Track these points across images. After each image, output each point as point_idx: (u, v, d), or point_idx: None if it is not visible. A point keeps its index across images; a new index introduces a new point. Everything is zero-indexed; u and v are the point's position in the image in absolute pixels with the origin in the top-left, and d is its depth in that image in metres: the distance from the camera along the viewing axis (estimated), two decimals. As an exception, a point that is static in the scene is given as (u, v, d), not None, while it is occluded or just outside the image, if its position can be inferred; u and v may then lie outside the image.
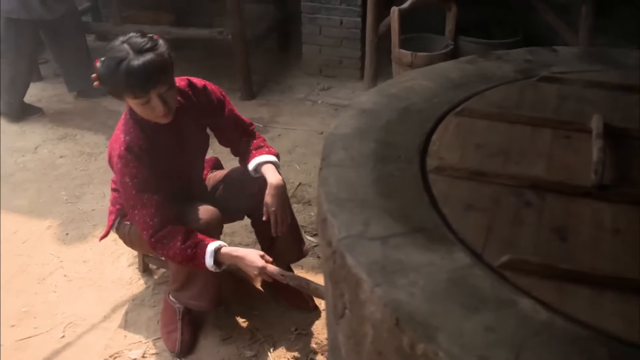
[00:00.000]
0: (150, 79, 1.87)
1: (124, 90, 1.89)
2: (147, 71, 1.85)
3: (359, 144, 1.66)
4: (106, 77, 1.91)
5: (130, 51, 1.87)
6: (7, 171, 3.39)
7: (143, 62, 1.85)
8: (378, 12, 3.78)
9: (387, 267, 1.24)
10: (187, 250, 1.99)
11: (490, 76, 2.02)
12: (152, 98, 1.90)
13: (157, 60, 1.88)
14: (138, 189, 2.00)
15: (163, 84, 1.90)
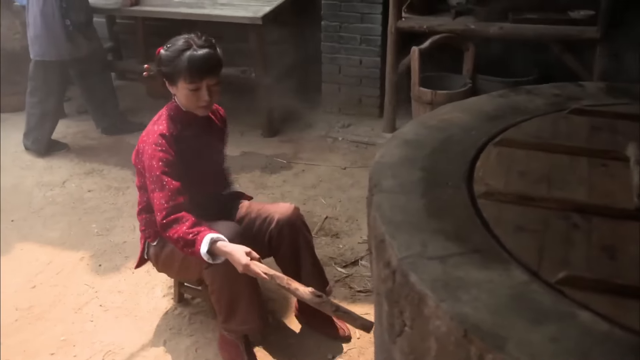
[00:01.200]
0: (207, 67, 2.16)
1: (183, 73, 2.15)
2: (206, 60, 2.16)
3: (407, 172, 1.74)
4: (169, 60, 2.18)
5: (194, 44, 2.17)
6: (37, 205, 3.46)
7: (204, 52, 2.16)
8: (397, 52, 3.90)
9: (450, 283, 1.30)
10: (189, 234, 2.13)
11: (522, 109, 2.11)
12: (202, 87, 2.18)
13: (215, 55, 2.20)
14: (162, 171, 2.18)
15: (214, 76, 2.20)
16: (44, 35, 3.73)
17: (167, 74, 2.22)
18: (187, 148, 2.26)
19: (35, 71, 3.87)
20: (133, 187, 3.59)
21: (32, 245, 3.11)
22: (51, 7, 3.68)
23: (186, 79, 2.16)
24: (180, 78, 2.18)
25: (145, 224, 2.39)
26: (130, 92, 4.75)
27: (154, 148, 2.20)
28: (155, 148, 2.20)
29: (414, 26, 3.83)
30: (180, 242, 2.14)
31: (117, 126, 4.26)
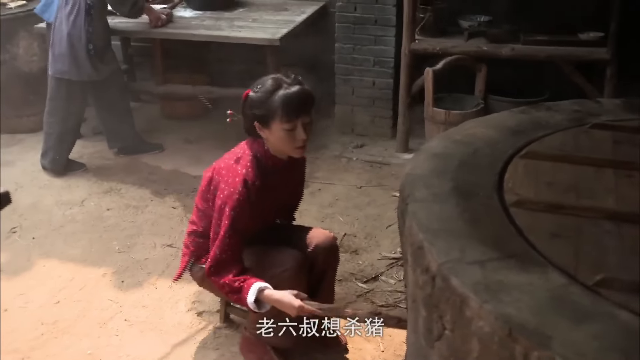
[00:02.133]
0: (302, 105, 2.14)
1: (278, 113, 2.11)
2: (301, 98, 2.13)
3: (439, 183, 1.79)
4: (261, 101, 2.14)
5: (285, 82, 2.15)
6: (57, 222, 3.51)
7: (298, 90, 2.14)
8: (411, 73, 3.98)
9: (491, 286, 1.35)
10: (235, 282, 2.14)
11: (544, 124, 2.17)
12: (298, 125, 2.13)
13: (307, 92, 2.17)
14: (231, 224, 2.15)
15: (309, 115, 2.16)
16: (68, 55, 3.80)
17: (260, 116, 2.15)
18: (267, 194, 2.23)
19: (57, 90, 3.94)
20: (152, 205, 3.64)
21: (54, 262, 3.15)
22: (79, 30, 3.77)
23: (282, 119, 2.11)
24: (276, 119, 2.12)
25: (196, 246, 2.40)
26: (145, 114, 4.81)
27: (233, 193, 2.15)
28: (235, 195, 2.15)
29: (427, 48, 3.91)
30: (226, 288, 2.16)
31: (132, 147, 4.32)
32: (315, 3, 4.48)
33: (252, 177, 2.17)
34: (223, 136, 4.47)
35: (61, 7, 3.81)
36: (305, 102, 2.15)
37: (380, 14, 4.11)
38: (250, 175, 2.17)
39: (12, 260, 3.17)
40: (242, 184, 2.16)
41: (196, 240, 2.40)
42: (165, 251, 3.19)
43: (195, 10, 4.39)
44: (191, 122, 4.72)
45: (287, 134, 2.14)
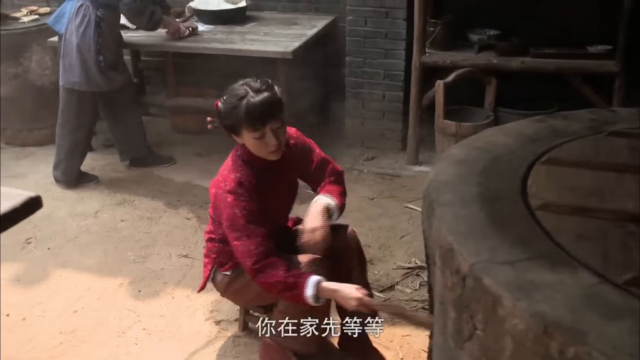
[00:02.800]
0: (267, 113, 2.15)
1: (244, 123, 2.16)
2: (265, 106, 2.15)
3: (463, 188, 1.82)
4: (227, 112, 2.19)
5: (250, 90, 2.17)
6: (71, 233, 3.53)
7: (262, 98, 2.15)
8: (421, 86, 4.02)
9: (523, 285, 1.37)
10: (288, 278, 2.13)
11: (562, 132, 2.21)
12: (267, 132, 2.17)
13: (273, 98, 2.18)
14: (247, 220, 2.18)
15: (277, 120, 2.18)
16: (78, 65, 3.85)
17: (230, 126, 2.22)
18: (265, 191, 2.27)
19: (68, 101, 3.98)
20: (166, 216, 3.67)
21: (70, 272, 3.18)
22: (88, 42, 3.82)
23: (249, 128, 2.16)
24: (243, 128, 2.17)
25: (217, 252, 2.42)
26: (155, 127, 4.84)
27: (234, 197, 2.20)
28: (236, 197, 2.20)
29: (437, 61, 3.96)
30: (279, 286, 2.15)
31: (144, 159, 4.35)
32: (325, 17, 4.53)
33: (244, 177, 2.23)
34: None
35: (72, 19, 3.86)
36: (270, 110, 2.17)
37: (391, 28, 4.16)
38: (242, 177, 2.23)
39: (28, 271, 3.20)
40: (237, 186, 2.21)
41: (217, 246, 2.42)
42: (181, 261, 3.22)
43: (207, 25, 4.44)
44: (201, 136, 4.74)
45: (257, 142, 2.20)
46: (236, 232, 2.20)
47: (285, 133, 2.26)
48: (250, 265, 2.17)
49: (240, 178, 2.23)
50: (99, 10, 3.82)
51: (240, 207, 2.19)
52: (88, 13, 3.82)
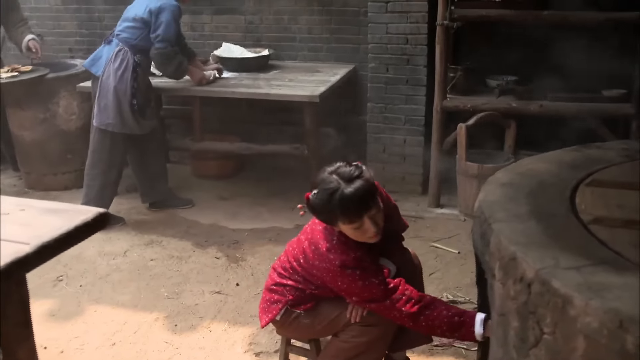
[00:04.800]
0: (363, 204, 2.07)
1: (340, 218, 2.09)
2: (360, 198, 2.05)
3: (514, 206, 1.90)
4: (320, 207, 2.10)
5: (341, 181, 2.07)
6: (102, 271, 3.57)
7: (355, 189, 2.05)
8: (442, 130, 4.14)
9: (592, 286, 1.43)
10: (454, 317, 2.10)
11: (598, 159, 2.30)
12: (365, 222, 2.09)
13: (367, 186, 2.08)
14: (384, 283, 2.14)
15: (374, 208, 2.10)
16: (114, 108, 3.97)
17: (325, 220, 2.15)
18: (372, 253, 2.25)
19: (100, 142, 4.07)
20: (195, 256, 3.72)
21: (105, 307, 3.20)
22: (125, 85, 3.95)
23: (345, 221, 2.09)
24: (339, 221, 2.10)
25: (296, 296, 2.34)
26: (176, 173, 4.91)
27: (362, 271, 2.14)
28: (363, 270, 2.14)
29: (458, 105, 4.09)
30: (443, 327, 2.11)
31: (165, 202, 4.43)
32: (345, 66, 4.69)
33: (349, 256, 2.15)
34: (257, 193, 4.61)
35: (110, 61, 4.00)
36: (365, 201, 2.07)
37: (412, 74, 4.31)
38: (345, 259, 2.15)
39: (62, 306, 3.22)
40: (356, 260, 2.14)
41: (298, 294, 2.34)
42: (215, 297, 3.25)
43: (232, 72, 4.59)
44: (223, 181, 4.85)
45: (356, 231, 2.12)
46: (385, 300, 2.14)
47: (383, 215, 2.16)
48: (408, 310, 2.11)
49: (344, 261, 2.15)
50: (136, 56, 3.97)
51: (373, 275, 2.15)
52: (126, 57, 3.97)
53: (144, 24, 3.99)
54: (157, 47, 3.95)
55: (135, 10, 4.03)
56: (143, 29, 3.99)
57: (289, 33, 4.92)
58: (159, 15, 3.94)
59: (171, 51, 4.01)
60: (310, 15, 4.82)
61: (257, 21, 4.99)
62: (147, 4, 4.00)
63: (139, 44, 4.00)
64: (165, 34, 3.95)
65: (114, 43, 4.05)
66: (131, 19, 4.03)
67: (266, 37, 4.99)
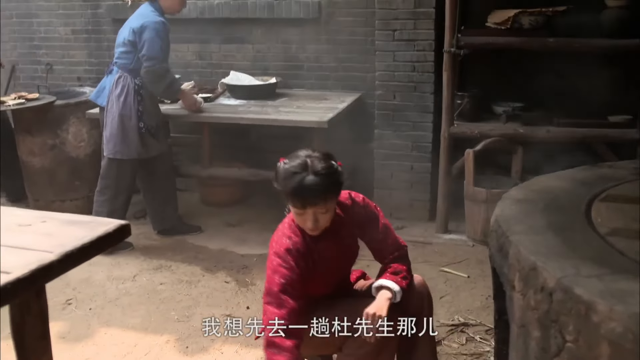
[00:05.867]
0: (311, 199, 2.14)
1: (288, 196, 2.18)
2: (311, 191, 2.12)
3: (531, 220, 1.92)
4: (281, 178, 2.19)
5: (310, 168, 2.14)
6: (112, 295, 3.56)
7: (313, 182, 2.12)
8: (450, 156, 4.17)
9: (615, 293, 1.44)
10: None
11: (610, 177, 2.33)
12: (307, 213, 2.17)
13: (326, 186, 2.14)
14: (282, 289, 2.16)
15: (321, 207, 2.16)
16: (119, 134, 4.01)
17: (279, 191, 2.21)
18: (320, 260, 2.27)
19: (108, 169, 4.10)
20: (204, 280, 3.71)
21: (115, 329, 3.19)
22: (129, 110, 4.00)
23: (290, 203, 2.19)
24: (288, 199, 2.19)
25: None
26: (184, 200, 4.93)
27: (278, 262, 2.20)
28: (280, 263, 2.20)
29: (465, 131, 4.13)
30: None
31: (175, 228, 4.43)
32: (352, 94, 4.73)
33: (297, 245, 2.22)
34: (265, 219, 4.60)
35: (112, 90, 4.05)
36: (316, 195, 2.13)
37: (419, 101, 4.35)
38: (294, 244, 2.22)
39: (72, 329, 3.21)
40: (285, 252, 2.20)
41: None
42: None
43: (240, 100, 4.63)
44: (230, 208, 4.86)
45: (297, 216, 2.21)
46: (269, 297, 2.19)
47: (330, 218, 2.22)
48: (265, 336, 2.14)
49: (291, 245, 2.22)
50: (136, 79, 4.01)
51: (281, 274, 2.18)
52: (127, 83, 4.01)
53: (132, 46, 4.03)
54: (145, 66, 3.97)
55: (123, 35, 4.09)
56: (135, 52, 4.03)
57: (297, 62, 4.99)
58: (141, 34, 3.97)
59: (160, 68, 4.01)
60: (317, 44, 4.88)
61: (264, 50, 5.05)
62: (130, 25, 4.05)
63: (136, 67, 4.04)
64: (150, 52, 3.95)
65: (115, 71, 4.11)
66: (122, 44, 4.08)
67: (274, 66, 5.05)
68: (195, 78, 5.01)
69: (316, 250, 2.27)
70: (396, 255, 2.47)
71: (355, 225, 2.40)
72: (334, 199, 2.22)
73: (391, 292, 2.33)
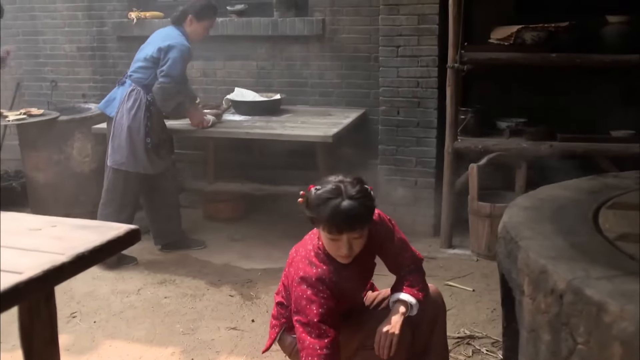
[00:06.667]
0: (348, 224, 2.12)
1: (323, 223, 2.16)
2: (349, 217, 2.11)
3: (539, 226, 1.92)
4: (314, 205, 2.17)
5: (344, 194, 2.13)
6: (116, 308, 3.55)
7: (350, 207, 2.11)
8: (453, 171, 4.18)
9: (625, 293, 1.45)
10: None
11: (616, 186, 2.34)
12: (342, 239, 2.16)
13: (362, 211, 2.14)
14: (322, 319, 2.15)
15: (357, 232, 2.16)
16: (127, 147, 4.02)
17: (310, 217, 2.20)
18: (343, 282, 2.26)
19: (114, 181, 4.11)
20: (209, 294, 3.71)
21: (120, 342, 3.18)
22: (138, 124, 4.02)
23: (325, 229, 2.16)
24: (321, 226, 2.17)
25: (287, 317, 2.39)
26: (187, 216, 4.92)
27: (313, 292, 2.18)
28: (315, 292, 2.18)
29: (469, 146, 4.14)
30: None
31: (178, 243, 4.44)
32: (355, 110, 4.76)
33: (327, 274, 2.21)
34: (268, 235, 4.61)
35: (123, 101, 4.07)
36: (353, 222, 2.13)
37: (423, 117, 4.38)
38: (325, 273, 2.21)
39: (77, 341, 3.20)
40: (319, 281, 2.19)
41: (288, 312, 2.39)
42: (230, 333, 3.23)
43: (244, 116, 4.66)
44: (234, 224, 4.86)
45: (331, 242, 2.19)
46: (307, 327, 2.16)
47: (363, 243, 2.21)
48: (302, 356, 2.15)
49: (322, 274, 2.20)
50: (149, 95, 4.05)
51: (318, 304, 2.16)
52: (139, 97, 4.04)
53: (154, 63, 4.07)
54: (160, 81, 4.02)
55: (147, 51, 4.13)
56: (154, 69, 4.08)
57: (300, 78, 5.02)
58: (168, 52, 4.03)
59: (173, 88, 4.05)
60: (321, 61, 4.91)
61: (268, 67, 5.09)
62: (158, 43, 4.09)
63: (151, 83, 4.07)
64: (170, 70, 4.01)
65: (127, 84, 4.14)
66: (143, 59, 4.13)
67: (278, 83, 5.08)
68: (200, 95, 5.03)
69: (341, 278, 2.25)
70: (412, 267, 2.47)
71: (374, 244, 2.38)
72: (368, 224, 2.21)
73: (407, 305, 2.34)
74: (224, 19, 5.00)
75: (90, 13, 5.47)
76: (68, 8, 5.53)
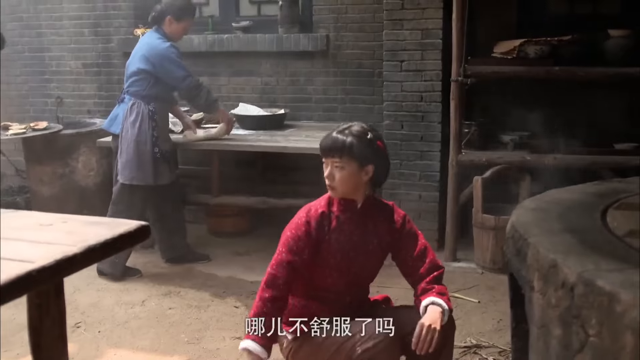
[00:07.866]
0: (328, 148, 2.35)
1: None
2: (329, 141, 2.35)
3: (548, 225, 1.93)
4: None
5: (342, 126, 2.40)
6: (121, 319, 3.54)
7: (335, 136, 2.35)
8: (458, 184, 4.20)
9: (637, 283, 1.45)
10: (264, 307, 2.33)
11: (622, 190, 2.35)
12: (328, 164, 2.36)
13: (344, 141, 2.33)
14: (287, 244, 2.38)
15: (336, 159, 2.33)
16: (134, 160, 4.04)
17: None
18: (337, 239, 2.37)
19: (121, 195, 4.12)
20: (214, 305, 3.71)
21: (125, 351, 3.18)
22: (144, 136, 4.04)
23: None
24: None
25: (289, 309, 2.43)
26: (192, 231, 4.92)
27: (299, 219, 2.39)
28: (300, 220, 2.38)
29: (473, 159, 4.16)
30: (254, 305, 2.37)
31: (183, 257, 4.43)
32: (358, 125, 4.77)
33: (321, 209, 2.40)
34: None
35: (126, 117, 4.09)
36: (332, 144, 2.34)
37: (426, 131, 4.40)
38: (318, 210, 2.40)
39: (81, 350, 3.19)
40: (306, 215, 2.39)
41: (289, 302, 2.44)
42: (236, 343, 3.20)
43: (249, 130, 4.69)
44: (238, 238, 4.86)
45: (324, 168, 2.39)
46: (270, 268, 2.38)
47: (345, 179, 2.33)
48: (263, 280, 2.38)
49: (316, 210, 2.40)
50: (150, 105, 4.07)
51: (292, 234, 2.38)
52: (141, 109, 4.06)
53: (146, 73, 4.09)
54: (181, 87, 4.09)
55: (135, 64, 4.14)
56: (148, 78, 4.10)
57: (305, 94, 5.05)
58: (162, 64, 4.06)
59: (193, 81, 4.09)
60: (325, 76, 4.96)
61: (273, 83, 5.13)
62: (140, 54, 4.11)
63: (150, 93, 4.10)
64: (177, 73, 4.05)
65: (127, 99, 4.16)
66: (134, 73, 4.14)
67: (282, 98, 5.11)
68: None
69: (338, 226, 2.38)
70: (435, 275, 2.50)
71: (389, 233, 2.46)
72: (353, 160, 2.33)
73: (443, 310, 2.35)
74: (229, 36, 5.06)
75: (96, 30, 5.53)
76: (75, 25, 5.60)
